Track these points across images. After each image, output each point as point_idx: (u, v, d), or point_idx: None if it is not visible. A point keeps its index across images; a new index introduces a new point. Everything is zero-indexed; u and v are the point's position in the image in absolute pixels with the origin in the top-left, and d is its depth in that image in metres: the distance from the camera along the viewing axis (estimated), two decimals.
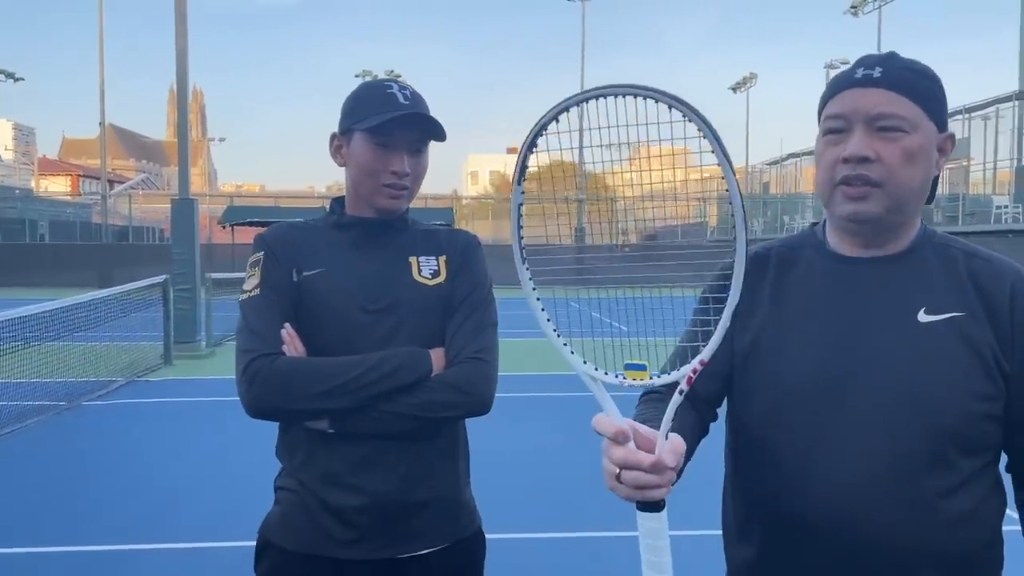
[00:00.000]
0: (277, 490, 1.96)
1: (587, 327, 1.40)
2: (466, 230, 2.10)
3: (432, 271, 1.95)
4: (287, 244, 1.93)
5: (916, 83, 1.45)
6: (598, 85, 1.19)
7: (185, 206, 13.21)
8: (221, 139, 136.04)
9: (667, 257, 1.68)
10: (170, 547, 4.81)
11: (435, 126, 1.91)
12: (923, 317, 1.46)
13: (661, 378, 1.29)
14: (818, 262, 1.56)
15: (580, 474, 6.20)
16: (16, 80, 45.79)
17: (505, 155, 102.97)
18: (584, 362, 1.32)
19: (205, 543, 4.84)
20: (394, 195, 1.91)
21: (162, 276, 12.46)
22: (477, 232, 2.07)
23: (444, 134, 1.92)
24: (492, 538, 2.07)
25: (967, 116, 25.57)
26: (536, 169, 1.30)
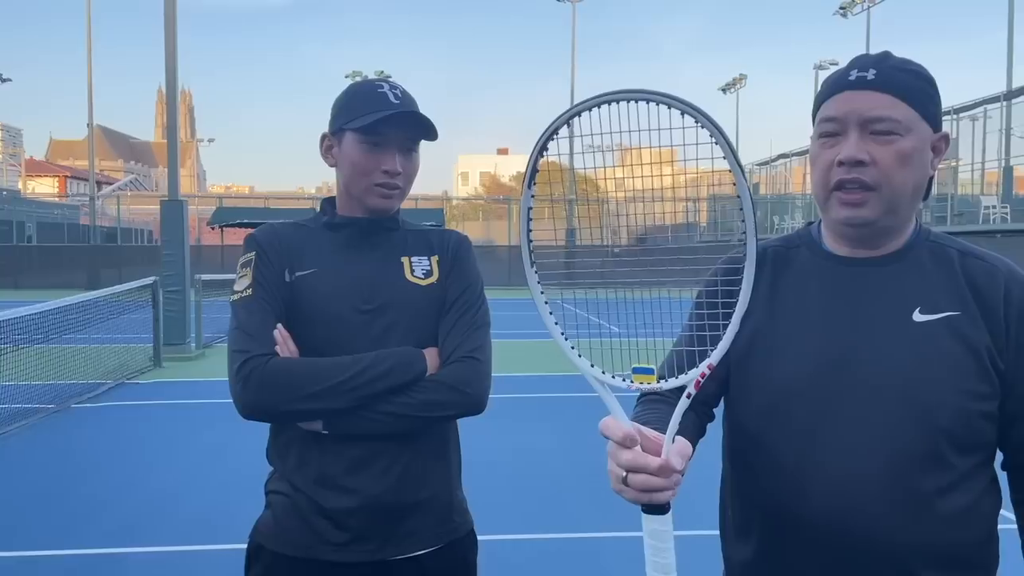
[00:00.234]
0: (268, 494, 1.95)
1: (594, 329, 1.40)
2: (457, 231, 2.10)
3: (425, 271, 1.95)
4: (279, 244, 1.92)
5: (910, 84, 1.46)
6: (611, 91, 1.19)
7: (174, 207, 13.15)
8: (210, 140, 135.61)
9: (680, 258, 1.68)
10: (160, 550, 4.78)
11: (427, 125, 1.90)
12: (918, 316, 1.46)
13: (669, 382, 1.29)
14: (813, 262, 1.57)
15: (572, 475, 6.21)
16: (3, 81, 45.52)
17: (495, 156, 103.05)
18: (592, 365, 1.32)
19: (195, 546, 4.82)
20: (386, 194, 1.91)
21: (151, 278, 12.40)
22: (467, 233, 2.07)
23: (436, 133, 1.92)
24: (485, 539, 2.06)
25: (955, 117, 25.64)
26: (547, 172, 1.30)
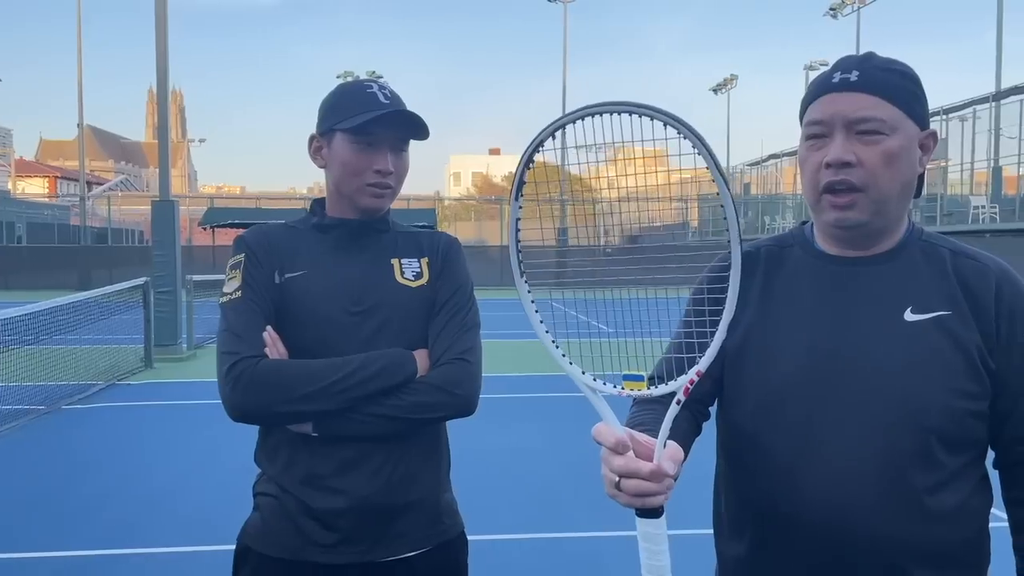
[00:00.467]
0: (256, 495, 1.95)
1: (584, 330, 1.41)
2: (447, 232, 2.11)
3: (415, 273, 1.95)
4: (268, 246, 1.92)
5: (894, 84, 1.46)
6: (596, 102, 1.21)
7: (165, 208, 13.10)
8: (201, 140, 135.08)
9: (668, 258, 1.70)
10: (150, 552, 4.77)
11: (419, 124, 1.90)
12: (910, 316, 1.47)
13: (659, 388, 1.31)
14: (806, 261, 1.58)
15: (563, 474, 6.21)
16: None
17: (487, 156, 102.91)
18: (583, 372, 1.33)
19: (186, 547, 4.81)
20: (378, 194, 1.91)
21: (142, 278, 12.37)
22: (459, 233, 2.08)
23: (427, 131, 1.92)
24: (475, 540, 2.07)
25: (945, 117, 25.76)
26: (533, 183, 1.33)
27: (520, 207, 1.33)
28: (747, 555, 1.58)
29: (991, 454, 1.55)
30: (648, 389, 1.31)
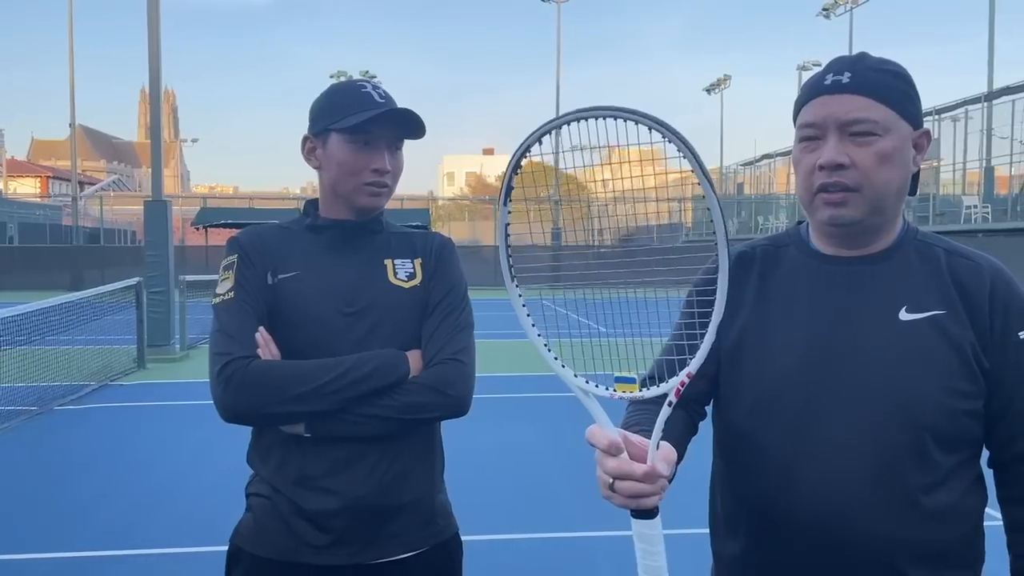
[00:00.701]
0: (249, 496, 1.94)
1: (575, 330, 1.41)
2: (440, 232, 2.10)
3: (408, 273, 1.94)
4: (261, 247, 1.92)
5: (887, 84, 1.47)
6: (583, 107, 1.22)
7: (158, 208, 13.06)
8: (194, 140, 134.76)
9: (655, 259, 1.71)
10: (143, 553, 4.75)
11: (416, 122, 1.90)
12: (904, 315, 1.48)
13: (651, 390, 1.31)
14: (801, 261, 1.58)
15: (557, 474, 6.21)
16: None
17: (481, 156, 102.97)
18: (575, 375, 1.33)
19: (179, 548, 4.79)
20: (375, 192, 1.91)
21: (135, 279, 12.31)
22: (453, 233, 2.09)
23: (424, 129, 1.92)
24: (469, 540, 2.06)
25: (937, 117, 25.84)
26: (522, 189, 1.33)
27: (509, 212, 1.34)
28: (743, 553, 1.58)
29: (985, 453, 1.56)
30: (640, 391, 1.31)
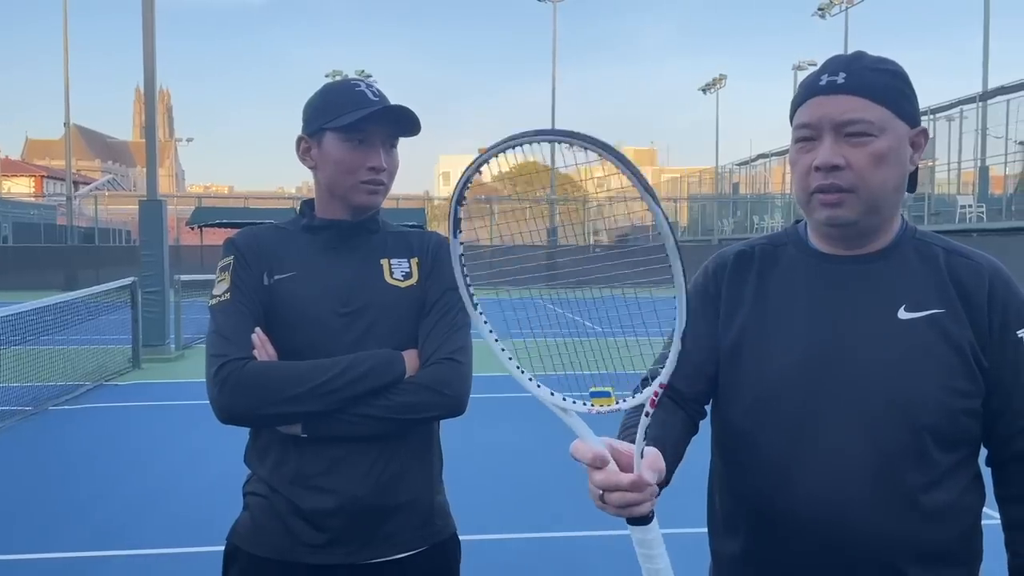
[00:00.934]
0: (246, 496, 1.94)
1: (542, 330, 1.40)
2: (436, 232, 2.10)
3: (404, 273, 1.94)
4: (257, 248, 1.91)
5: (882, 84, 1.47)
6: (519, 133, 1.20)
7: (153, 207, 13.03)
8: (189, 139, 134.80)
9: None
10: (139, 553, 4.74)
11: (412, 119, 1.90)
12: (903, 314, 1.48)
13: (627, 402, 1.31)
14: (800, 260, 1.58)
15: (553, 474, 6.21)
16: None
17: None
18: (552, 394, 1.32)
19: (175, 548, 4.78)
20: (372, 190, 1.90)
21: (130, 278, 12.30)
22: None
23: (419, 126, 1.91)
24: (467, 540, 2.06)
25: (932, 117, 25.92)
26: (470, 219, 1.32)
27: (461, 244, 1.30)
28: (741, 552, 1.58)
29: (983, 452, 1.56)
30: (616, 404, 1.30)
